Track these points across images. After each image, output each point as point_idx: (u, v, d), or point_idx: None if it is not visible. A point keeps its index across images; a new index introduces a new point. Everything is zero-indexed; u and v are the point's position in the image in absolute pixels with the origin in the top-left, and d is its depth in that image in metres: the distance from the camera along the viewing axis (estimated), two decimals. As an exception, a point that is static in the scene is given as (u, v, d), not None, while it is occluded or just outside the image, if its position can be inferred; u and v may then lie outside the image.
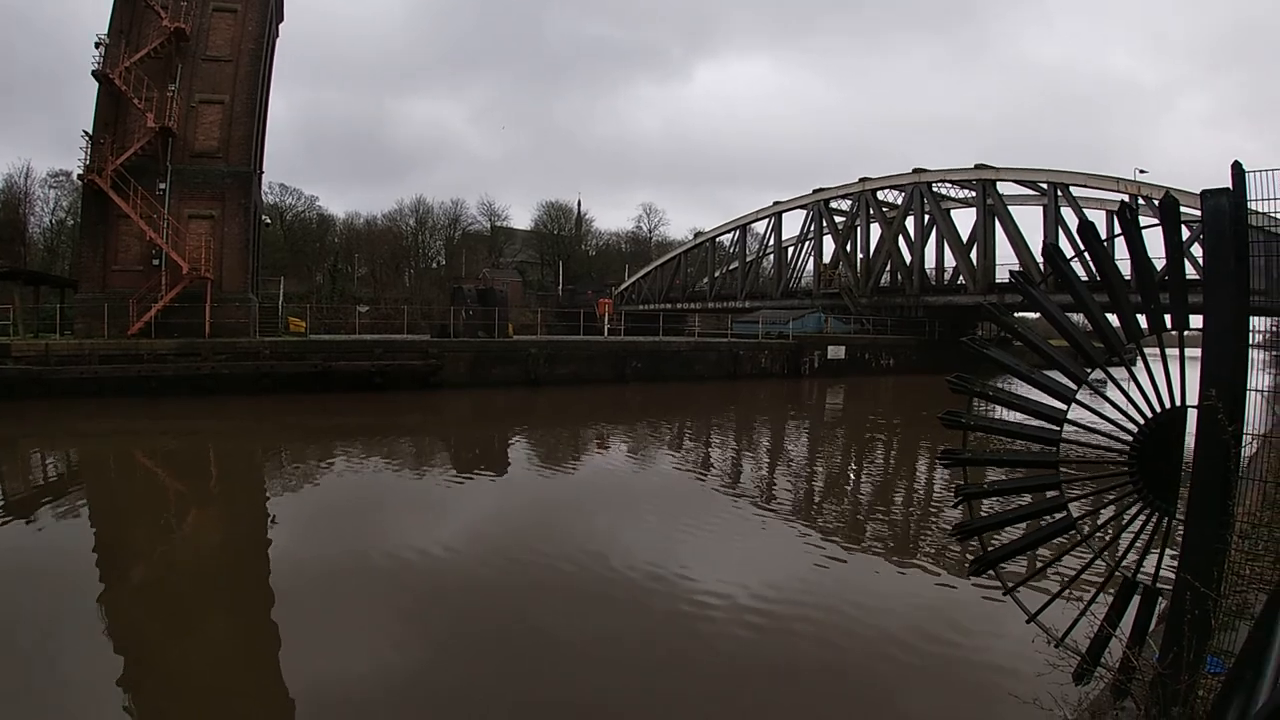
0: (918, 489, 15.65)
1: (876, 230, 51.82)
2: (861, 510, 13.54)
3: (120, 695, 5.99)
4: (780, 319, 47.47)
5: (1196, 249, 17.53)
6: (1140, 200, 33.35)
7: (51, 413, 21.94)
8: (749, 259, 62.63)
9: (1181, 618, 3.53)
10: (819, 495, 14.86)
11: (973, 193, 46.39)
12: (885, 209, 51.66)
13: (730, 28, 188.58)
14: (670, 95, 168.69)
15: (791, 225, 58.79)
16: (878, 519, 12.87)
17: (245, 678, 6.60)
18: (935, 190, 48.07)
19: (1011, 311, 36.98)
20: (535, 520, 12.11)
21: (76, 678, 6.26)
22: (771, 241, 60.49)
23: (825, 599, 8.35)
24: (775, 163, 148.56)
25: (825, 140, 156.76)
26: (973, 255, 46.02)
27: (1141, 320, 4.27)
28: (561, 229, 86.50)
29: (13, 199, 54.66)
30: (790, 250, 58.97)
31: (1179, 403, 4.04)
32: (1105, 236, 4.58)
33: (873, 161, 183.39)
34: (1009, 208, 44.27)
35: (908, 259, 49.69)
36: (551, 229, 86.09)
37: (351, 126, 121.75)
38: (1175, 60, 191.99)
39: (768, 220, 59.99)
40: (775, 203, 59.24)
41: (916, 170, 48.71)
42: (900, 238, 50.21)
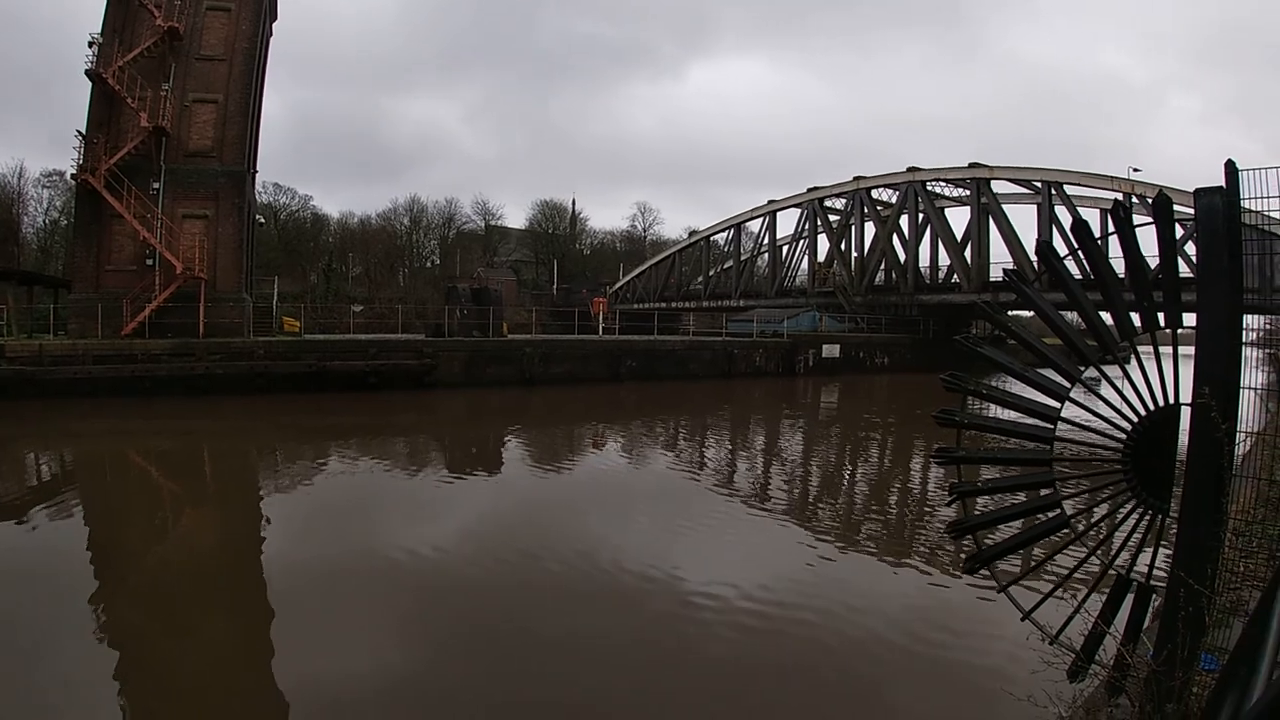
0: (912, 487, 15.68)
1: (871, 229, 51.86)
2: (856, 509, 13.56)
3: (116, 695, 5.99)
4: (775, 318, 47.46)
5: (1190, 247, 17.57)
6: (1134, 199, 33.39)
7: (45, 413, 21.84)
8: (744, 258, 62.56)
9: (1176, 615, 3.54)
10: (813, 494, 14.88)
11: (967, 191, 46.41)
12: (880, 208, 51.68)
13: (723, 26, 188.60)
14: (665, 94, 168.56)
15: (786, 224, 58.85)
16: (872, 517, 12.90)
17: (238, 677, 6.59)
18: (929, 189, 48.08)
19: (1005, 310, 36.94)
20: (528, 520, 12.10)
21: (72, 678, 6.24)
22: (766, 240, 60.44)
23: (819, 598, 8.36)
24: (770, 161, 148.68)
25: (820, 139, 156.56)
26: (967, 254, 46.06)
27: (1135, 318, 4.28)
28: (556, 228, 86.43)
29: (6, 199, 54.41)
30: (785, 249, 58.92)
31: (1173, 400, 4.05)
32: (1099, 235, 4.59)
33: (867, 160, 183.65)
34: (1003, 206, 44.32)
35: (902, 258, 49.70)
36: (546, 228, 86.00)
37: (345, 126, 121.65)
38: (1166, 58, 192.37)
39: (762, 219, 59.93)
40: (770, 201, 59.18)
41: (911, 169, 48.72)
42: (895, 236, 50.21)
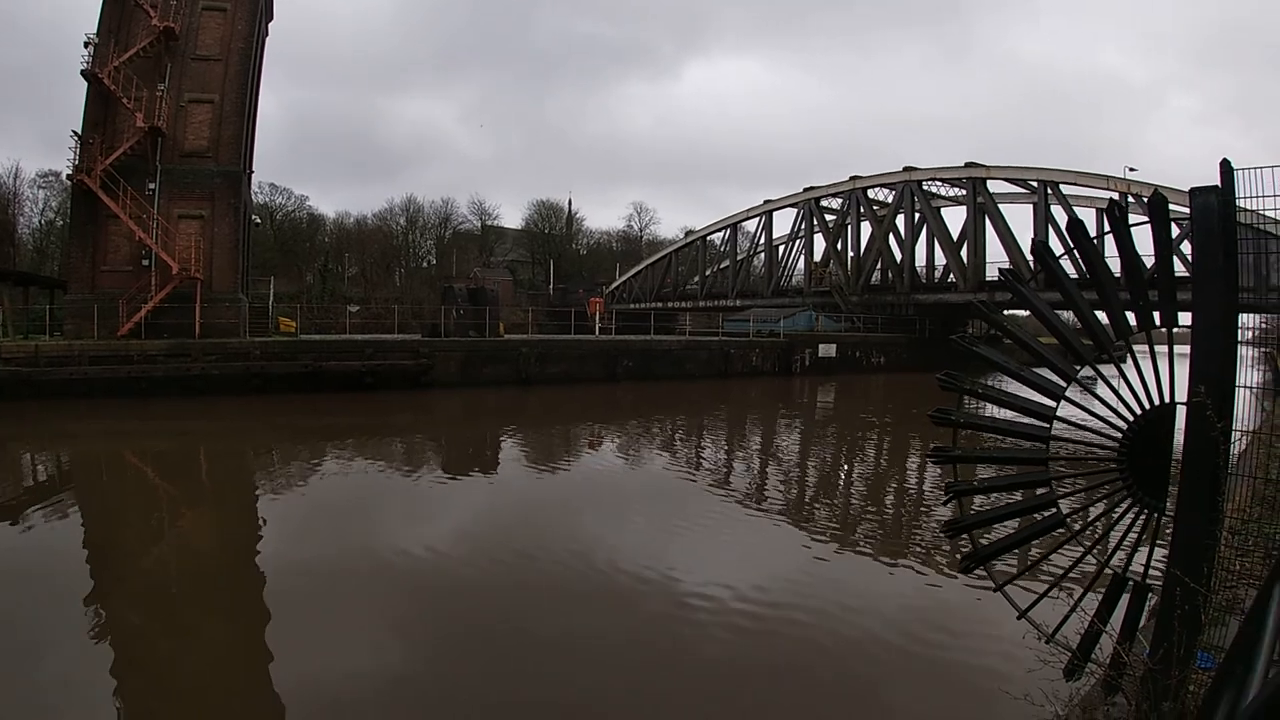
0: (908, 487, 15.69)
1: (867, 228, 51.93)
2: (852, 508, 13.56)
3: (113, 696, 5.97)
4: (771, 317, 47.51)
5: (1186, 247, 17.61)
6: (1130, 198, 33.48)
7: (41, 414, 21.76)
8: (740, 257, 62.59)
9: (1172, 613, 3.54)
10: (809, 494, 14.89)
11: (963, 191, 46.49)
12: (876, 207, 51.74)
13: (720, 25, 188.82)
14: (661, 93, 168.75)
15: (782, 224, 58.86)
16: (868, 517, 12.89)
17: (235, 678, 6.57)
18: (926, 189, 48.16)
19: (1001, 309, 36.96)
20: (525, 520, 12.08)
21: (70, 678, 6.23)
22: (762, 240, 60.52)
23: (814, 598, 8.35)
24: (766, 161, 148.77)
25: (817, 139, 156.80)
26: (963, 253, 46.15)
27: (1130, 317, 4.29)
28: (552, 228, 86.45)
29: (2, 200, 54.37)
30: (781, 249, 58.93)
31: (1169, 399, 4.06)
32: (1095, 234, 4.59)
33: (864, 160, 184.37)
34: (999, 206, 44.37)
35: (898, 257, 49.77)
36: (542, 228, 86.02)
37: (342, 126, 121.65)
38: (1165, 58, 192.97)
39: (759, 219, 59.92)
40: (766, 201, 59.17)
41: (907, 169, 48.78)
42: (891, 236, 50.29)
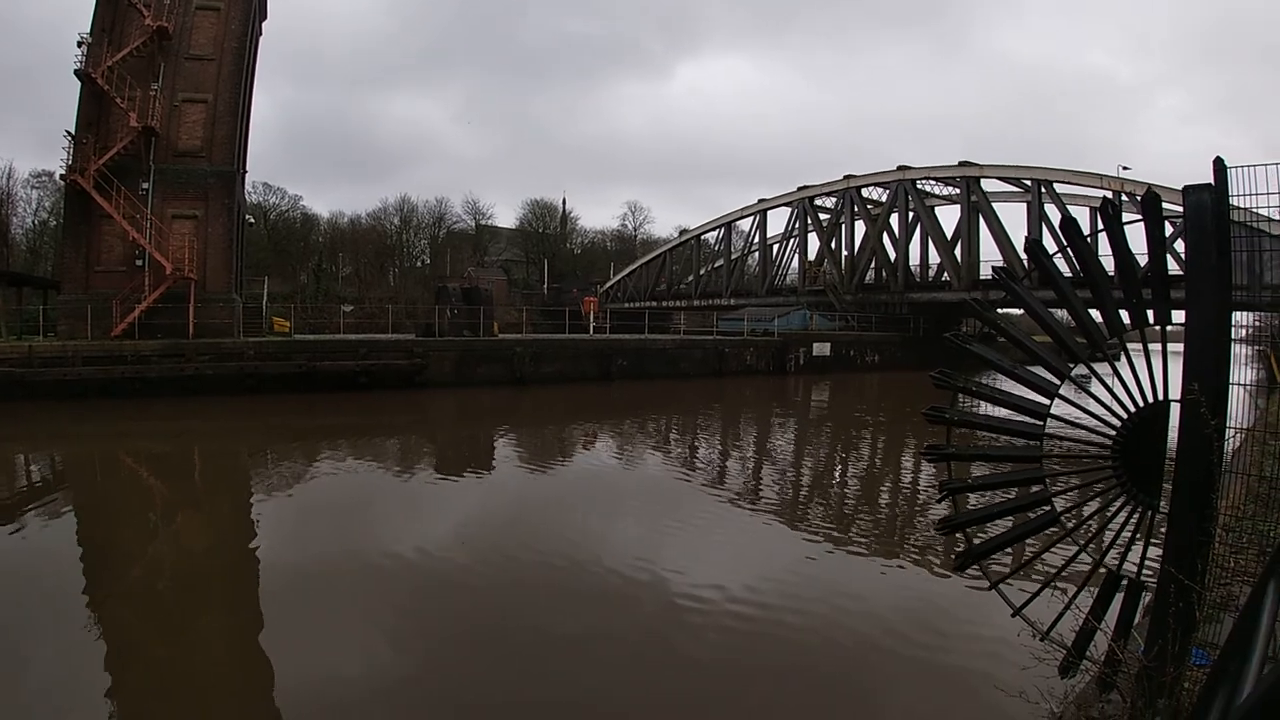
0: (903, 484, 15.73)
1: (861, 227, 51.99)
2: (846, 507, 13.59)
3: (110, 697, 5.94)
4: (765, 316, 47.56)
5: (1179, 244, 17.68)
6: (1123, 196, 33.56)
7: (35, 415, 21.66)
8: (734, 257, 62.64)
9: (1166, 610, 3.55)
10: (804, 492, 14.91)
11: (957, 190, 46.57)
12: (870, 206, 51.82)
13: (710, 25, 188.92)
14: (654, 93, 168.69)
15: (776, 223, 58.97)
16: (863, 515, 12.92)
17: (235, 679, 6.55)
18: (919, 187, 48.26)
19: (995, 308, 37.12)
20: (520, 519, 12.08)
21: (65, 680, 6.21)
22: (756, 239, 60.55)
23: (810, 596, 8.37)
24: (760, 161, 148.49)
25: (811, 138, 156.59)
26: (957, 252, 46.24)
27: (1124, 315, 4.30)
28: (546, 227, 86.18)
29: (-6, 200, 53.99)
30: (775, 248, 59.03)
31: (1162, 397, 4.07)
32: (1088, 232, 4.61)
33: (858, 159, 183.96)
34: (993, 204, 44.46)
35: (892, 256, 49.87)
36: (536, 227, 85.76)
37: (335, 126, 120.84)
38: (1152, 57, 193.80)
39: (753, 218, 59.93)
40: (760, 200, 59.18)
41: (901, 167, 48.84)
42: (885, 235, 50.39)
